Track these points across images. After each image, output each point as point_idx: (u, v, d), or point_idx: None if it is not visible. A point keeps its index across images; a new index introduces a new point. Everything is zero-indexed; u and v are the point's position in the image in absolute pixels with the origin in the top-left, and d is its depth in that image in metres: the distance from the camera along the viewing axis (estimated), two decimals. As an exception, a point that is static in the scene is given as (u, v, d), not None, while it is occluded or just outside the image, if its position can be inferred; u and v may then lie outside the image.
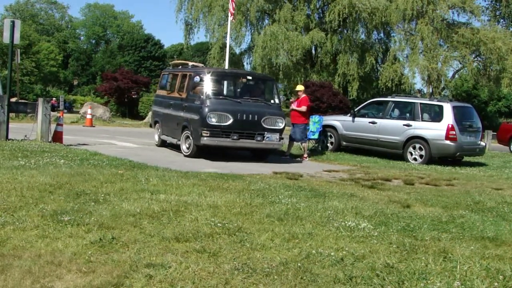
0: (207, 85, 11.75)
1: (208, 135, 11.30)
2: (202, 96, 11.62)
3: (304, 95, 13.79)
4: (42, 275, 3.51)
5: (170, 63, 15.57)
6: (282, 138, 12.21)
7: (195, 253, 4.11)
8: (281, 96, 14.02)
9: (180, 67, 14.61)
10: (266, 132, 11.74)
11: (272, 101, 12.50)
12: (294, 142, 13.96)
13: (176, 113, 12.61)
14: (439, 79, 34.39)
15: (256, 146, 11.94)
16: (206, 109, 11.36)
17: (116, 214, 5.12)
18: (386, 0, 35.09)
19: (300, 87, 14.29)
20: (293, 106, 13.62)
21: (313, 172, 10.45)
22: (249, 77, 13.37)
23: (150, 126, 15.33)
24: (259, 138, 11.72)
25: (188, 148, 11.94)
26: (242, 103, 11.86)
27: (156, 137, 14.29)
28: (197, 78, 11.72)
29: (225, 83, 13.17)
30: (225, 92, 12.75)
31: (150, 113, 15.46)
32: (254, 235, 4.70)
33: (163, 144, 13.94)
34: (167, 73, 14.99)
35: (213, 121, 11.32)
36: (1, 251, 3.98)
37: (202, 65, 16.26)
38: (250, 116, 11.60)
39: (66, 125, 15.46)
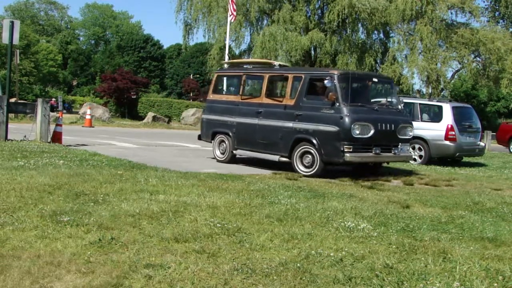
0: (341, 90, 9.82)
1: (351, 150, 9.52)
2: (338, 103, 9.62)
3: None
4: (41, 276, 3.51)
5: (223, 62, 13.68)
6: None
7: (194, 253, 4.11)
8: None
9: (250, 66, 12.11)
10: (400, 143, 10.32)
11: (399, 106, 10.93)
12: None
13: (277, 123, 10.47)
14: (438, 79, 34.42)
15: (393, 159, 10.68)
16: (349, 119, 9.51)
17: (115, 215, 5.11)
18: (385, 0, 35.11)
19: None
20: None
21: (312, 173, 10.45)
22: (375, 79, 11.51)
23: (199, 138, 12.58)
24: (396, 151, 10.24)
25: (309, 166, 9.93)
26: (379, 110, 10.28)
27: (218, 152, 11.83)
28: (328, 82, 9.72)
29: (355, 86, 10.84)
30: (358, 97, 10.42)
31: (202, 123, 12.49)
32: (254, 235, 4.70)
33: (232, 159, 11.51)
34: (234, 74, 12.41)
35: (356, 133, 9.57)
36: (0, 251, 3.98)
37: (288, 65, 14.10)
38: (388, 125, 10.07)
39: (65, 126, 15.46)
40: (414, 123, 13.92)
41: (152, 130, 24.38)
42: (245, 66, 12.24)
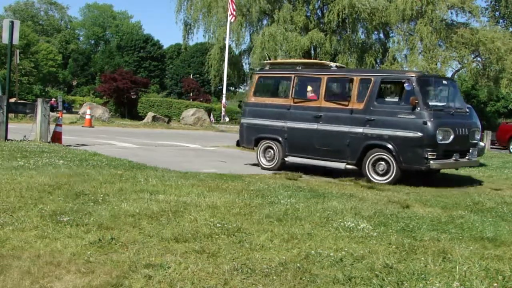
0: (421, 93, 9.26)
1: (434, 156, 9.04)
2: (419, 108, 9.11)
3: (311, 95, 13.87)
4: (41, 276, 3.51)
5: (264, 62, 12.27)
6: None
7: (194, 253, 4.11)
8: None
9: (299, 67, 11.18)
10: (471, 148, 9.93)
11: (466, 109, 10.45)
12: None
13: (343, 129, 9.83)
14: (438, 79, 34.40)
15: (467, 165, 10.24)
16: (432, 124, 9.03)
17: (115, 215, 5.11)
18: (385, 0, 35.12)
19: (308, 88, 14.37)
20: None
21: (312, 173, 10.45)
22: (445, 82, 10.87)
23: (238, 144, 11.85)
24: (468, 156, 9.81)
25: (383, 174, 9.43)
26: (454, 114, 9.74)
27: (264, 159, 11.02)
28: (408, 85, 9.21)
29: (431, 89, 10.32)
30: (434, 101, 9.95)
31: (241, 128, 11.59)
32: (253, 235, 4.70)
33: (282, 167, 10.72)
34: (281, 75, 11.61)
35: (440, 138, 9.12)
36: (0, 251, 3.98)
37: (344, 66, 13.31)
38: (463, 130, 9.68)
39: (65, 126, 15.46)
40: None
41: (152, 130, 24.39)
42: (296, 67, 11.22)
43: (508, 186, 9.95)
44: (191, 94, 49.15)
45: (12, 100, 19.31)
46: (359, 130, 9.65)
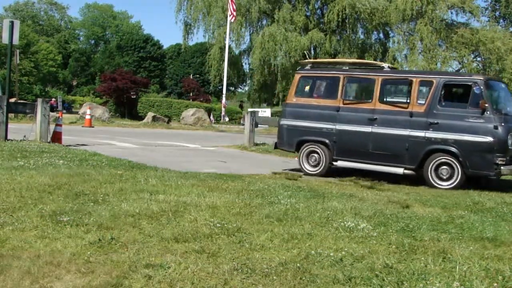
0: (489, 97, 9.07)
1: (504, 162, 8.82)
2: (488, 112, 8.86)
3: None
4: (41, 276, 3.51)
5: (305, 62, 11.58)
6: None
7: (194, 253, 4.11)
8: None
9: (345, 67, 10.73)
10: None
11: None
12: None
13: (401, 132, 9.51)
14: (438, 79, 34.41)
15: None
16: (503, 129, 8.79)
17: (115, 215, 5.11)
18: (385, 0, 35.13)
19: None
20: None
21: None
22: (502, 85, 10.53)
23: (276, 147, 11.36)
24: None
25: (447, 179, 9.18)
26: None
27: (308, 164, 10.51)
28: (477, 89, 8.97)
29: (497, 93, 9.96)
30: (500, 105, 9.64)
31: (282, 130, 10.98)
32: (253, 235, 4.69)
33: (328, 172, 10.29)
34: (327, 75, 11.03)
35: (510, 143, 8.89)
36: (0, 251, 3.98)
37: (396, 67, 12.54)
38: None
39: (65, 126, 15.46)
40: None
41: (152, 130, 24.39)
42: (343, 68, 10.72)
43: (507, 186, 9.95)
44: (191, 94, 49.15)
45: (12, 100, 19.32)
46: (421, 134, 9.35)
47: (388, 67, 10.67)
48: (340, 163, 10.19)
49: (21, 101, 28.28)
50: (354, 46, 37.15)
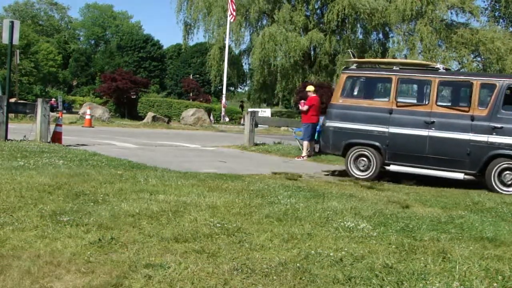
0: None
1: None
2: None
3: (312, 95, 13.94)
4: (41, 276, 3.51)
5: (351, 61, 10.98)
6: None
7: (194, 253, 4.11)
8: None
9: (396, 67, 10.20)
10: None
11: None
12: (304, 142, 13.92)
13: (462, 136, 9.24)
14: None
15: None
16: None
17: (115, 215, 5.11)
18: (385, 0, 35.14)
19: (309, 88, 14.46)
20: (300, 107, 14.07)
21: (312, 173, 10.46)
22: None
23: (320, 150, 11.01)
24: None
25: (511, 184, 9.00)
26: None
27: (356, 169, 10.14)
28: None
29: None
30: None
31: (329, 132, 10.49)
32: (253, 235, 4.70)
33: (378, 176, 9.92)
34: (378, 76, 10.59)
35: None
36: (0, 251, 3.98)
37: (450, 68, 12.02)
38: None
39: (65, 126, 15.46)
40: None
41: (152, 130, 24.39)
42: (393, 68, 10.25)
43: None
44: (191, 94, 49.17)
45: (12, 100, 19.32)
46: (483, 138, 9.07)
47: (443, 68, 10.31)
48: (393, 168, 9.86)
49: (21, 101, 28.28)
50: (353, 46, 37.14)
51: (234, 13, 35.41)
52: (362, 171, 10.03)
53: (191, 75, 62.41)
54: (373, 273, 3.81)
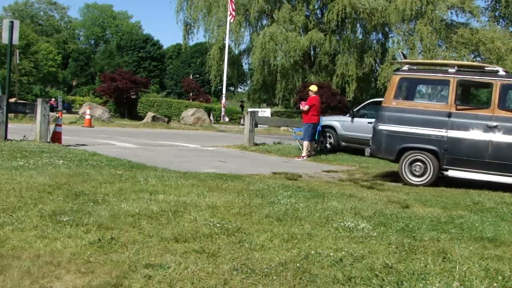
0: None
1: None
2: None
3: (313, 95, 13.96)
4: (41, 276, 3.51)
5: (402, 61, 10.53)
6: None
7: (194, 253, 4.11)
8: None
9: (452, 69, 9.69)
10: None
11: None
12: (304, 142, 13.93)
13: None
14: (438, 79, 34.44)
15: None
16: None
17: (115, 215, 5.11)
18: (385, 0, 35.14)
19: (312, 87, 14.50)
20: (301, 106, 14.18)
21: (312, 173, 10.46)
22: None
23: (371, 155, 10.39)
24: None
25: None
26: None
27: (410, 174, 9.71)
28: None
29: None
30: None
31: (377, 135, 10.09)
32: (253, 235, 4.69)
33: (435, 182, 9.54)
34: (434, 78, 10.13)
35: None
36: (0, 251, 3.98)
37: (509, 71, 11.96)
38: None
39: (65, 126, 15.46)
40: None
41: (152, 130, 24.39)
42: (449, 70, 9.79)
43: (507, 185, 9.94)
44: (191, 94, 49.17)
45: (12, 100, 19.32)
46: None
47: (503, 70, 9.88)
48: (452, 173, 9.52)
49: (21, 101, 28.28)
50: (353, 46, 37.18)
51: (234, 13, 35.40)
52: (417, 176, 9.68)
53: (191, 75, 62.43)
54: (373, 273, 3.81)
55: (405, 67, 10.24)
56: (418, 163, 9.64)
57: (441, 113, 9.50)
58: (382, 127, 10.04)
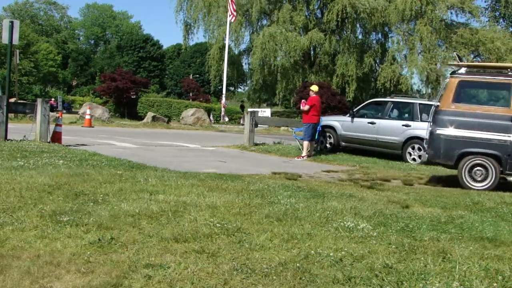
0: None
1: None
2: None
3: (313, 95, 13.97)
4: (41, 276, 3.51)
5: (460, 64, 10.21)
6: None
7: (194, 253, 4.11)
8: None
9: (509, 71, 9.53)
10: None
11: None
12: (304, 142, 13.94)
13: None
14: (438, 79, 34.48)
15: None
16: None
17: (115, 215, 5.11)
18: (385, 0, 35.15)
19: (313, 87, 14.51)
20: (301, 106, 14.20)
21: (312, 173, 10.45)
22: None
23: (429, 161, 10.27)
24: None
25: None
26: None
27: (471, 179, 9.46)
28: None
29: None
30: None
31: (434, 140, 9.81)
32: (253, 235, 4.69)
33: (497, 187, 9.34)
34: (494, 81, 9.76)
35: None
36: (0, 251, 3.98)
37: None
38: None
39: (65, 126, 15.46)
40: (414, 123, 14.04)
41: (152, 130, 24.38)
42: (509, 73, 9.55)
43: (507, 185, 9.94)
44: (190, 94, 49.18)
45: (12, 100, 19.32)
46: None
47: None
48: None
49: (21, 101, 28.28)
50: (353, 46, 37.18)
51: (234, 13, 35.40)
52: (479, 181, 9.45)
53: (191, 75, 62.42)
54: (373, 273, 3.81)
55: (462, 70, 9.94)
56: (479, 168, 9.44)
57: (503, 117, 9.26)
58: (440, 131, 9.73)
